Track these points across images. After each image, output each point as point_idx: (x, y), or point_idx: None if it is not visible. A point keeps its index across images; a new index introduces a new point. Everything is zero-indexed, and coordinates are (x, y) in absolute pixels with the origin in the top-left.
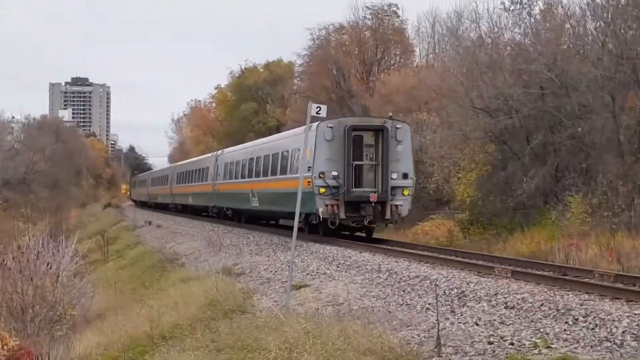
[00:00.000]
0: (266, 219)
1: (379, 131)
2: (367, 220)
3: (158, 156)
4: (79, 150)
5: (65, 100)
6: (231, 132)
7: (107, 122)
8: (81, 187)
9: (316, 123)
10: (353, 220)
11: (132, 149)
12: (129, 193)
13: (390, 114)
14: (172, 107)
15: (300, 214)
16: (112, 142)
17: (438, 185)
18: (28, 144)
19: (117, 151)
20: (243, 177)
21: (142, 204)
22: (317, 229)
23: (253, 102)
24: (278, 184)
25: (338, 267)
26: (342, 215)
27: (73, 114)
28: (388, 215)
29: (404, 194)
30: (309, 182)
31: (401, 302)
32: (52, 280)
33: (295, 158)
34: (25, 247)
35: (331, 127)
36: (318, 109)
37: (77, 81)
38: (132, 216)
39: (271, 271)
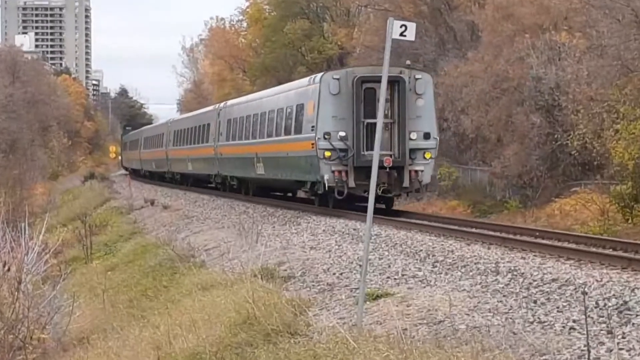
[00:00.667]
0: (274, 190)
1: (395, 83)
2: (381, 189)
3: (163, 102)
4: (46, 94)
5: (24, 20)
6: (271, 66)
7: (87, 53)
8: (50, 149)
9: (320, 74)
10: (364, 189)
11: (124, 92)
12: (120, 158)
13: (409, 62)
14: (183, 30)
15: (304, 182)
16: (94, 82)
17: (585, 143)
18: None
19: (103, 96)
20: (247, 138)
21: (135, 173)
22: (333, 201)
23: (303, 19)
24: (283, 147)
25: (435, 266)
26: (352, 184)
27: (37, 40)
28: (406, 183)
29: (425, 157)
30: (312, 144)
31: (531, 319)
32: (10, 288)
33: (301, 115)
34: None
35: (337, 79)
36: (403, 28)
37: None
38: (125, 192)
39: (334, 273)
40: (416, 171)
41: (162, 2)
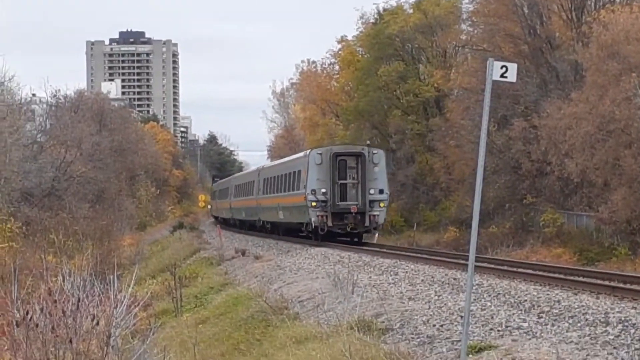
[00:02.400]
0: (290, 230)
1: (359, 156)
2: (350, 227)
3: (253, 149)
4: (133, 142)
5: (111, 67)
6: (365, 110)
7: (175, 99)
8: (138, 199)
9: (308, 151)
10: (338, 227)
11: (212, 138)
12: (209, 207)
13: (368, 142)
14: (273, 74)
15: (302, 223)
16: (182, 129)
17: None
18: (57, 135)
19: (191, 143)
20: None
21: (224, 222)
22: (320, 236)
23: (398, 61)
24: (289, 199)
25: (540, 317)
26: (330, 224)
27: (123, 87)
28: (367, 223)
29: (380, 206)
30: (304, 197)
31: None
32: (100, 343)
33: (298, 177)
34: (59, 292)
35: (320, 154)
36: (503, 69)
37: (128, 37)
38: (215, 242)
39: (434, 325)
40: (374, 215)
41: (251, 46)
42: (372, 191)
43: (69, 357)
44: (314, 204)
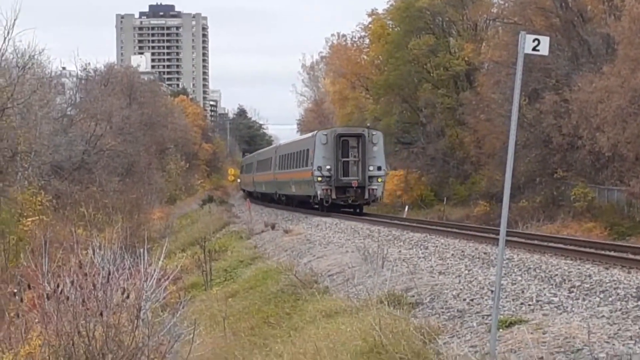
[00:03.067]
0: (301, 202)
1: (359, 137)
2: (351, 200)
3: (282, 123)
4: (163, 116)
5: (140, 41)
6: (395, 83)
7: (205, 73)
8: (168, 173)
9: (315, 132)
10: (341, 200)
11: (242, 112)
12: (238, 181)
13: (368, 124)
14: (303, 47)
15: (310, 195)
16: (212, 102)
17: None
18: (87, 108)
19: (221, 117)
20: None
21: (249, 195)
22: (324, 208)
23: (428, 35)
24: (299, 174)
25: (571, 291)
26: (334, 196)
27: (153, 60)
28: (367, 196)
29: (378, 181)
30: (311, 173)
31: None
32: (130, 316)
33: (307, 155)
34: (89, 265)
35: (325, 135)
36: (535, 42)
37: (158, 10)
38: (245, 216)
39: (464, 299)
40: (372, 189)
41: (280, 19)
42: (371, 168)
43: (100, 330)
44: (319, 179)
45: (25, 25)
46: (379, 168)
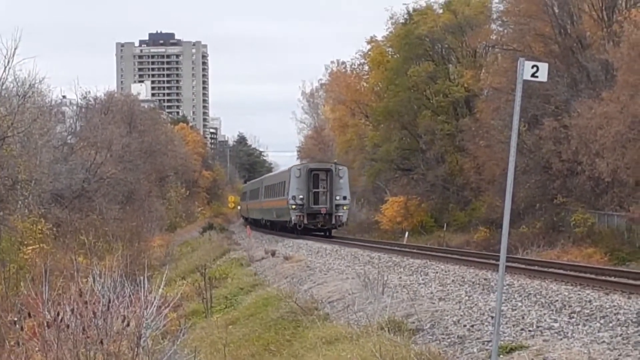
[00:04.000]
0: (280, 227)
1: (328, 171)
2: (320, 224)
3: (283, 150)
4: (163, 144)
5: (140, 69)
6: (394, 110)
7: (205, 101)
8: (168, 200)
9: (291, 166)
10: (312, 224)
11: (242, 139)
12: (239, 207)
13: (335, 160)
14: (302, 74)
15: (280, 222)
16: (212, 130)
17: None
18: (88, 136)
19: (221, 144)
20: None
21: (245, 220)
22: (298, 231)
23: (428, 62)
24: (278, 203)
25: (571, 317)
26: (306, 221)
27: (153, 88)
28: (333, 222)
29: (343, 209)
30: (287, 202)
31: None
32: (130, 344)
33: (284, 187)
34: (90, 293)
35: (299, 169)
36: (534, 69)
37: (158, 39)
38: (245, 243)
39: (464, 325)
40: (338, 215)
41: (280, 47)
42: (337, 197)
43: (100, 358)
44: (294, 206)
45: (26, 54)
46: (344, 197)
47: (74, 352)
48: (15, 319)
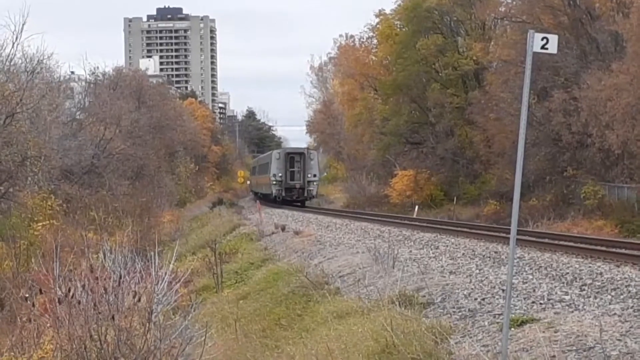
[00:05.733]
0: (265, 198)
1: (301, 154)
2: (295, 197)
3: (291, 124)
4: (172, 119)
5: (149, 44)
6: (403, 83)
7: (213, 75)
8: (177, 176)
9: (272, 151)
10: (289, 197)
11: (251, 114)
12: (248, 182)
13: (307, 145)
14: (311, 48)
15: (264, 194)
16: (220, 105)
17: None
18: (96, 112)
19: (230, 119)
20: (256, 174)
21: (264, 198)
22: (278, 202)
23: (436, 34)
24: (264, 179)
25: (582, 289)
26: (284, 194)
27: (161, 64)
28: (305, 194)
29: (313, 184)
30: (270, 178)
31: None
32: (141, 319)
33: (268, 166)
34: (100, 269)
35: (279, 152)
36: (544, 41)
37: (166, 14)
38: (255, 218)
39: (475, 298)
40: (310, 190)
41: (288, 21)
42: (309, 175)
43: (111, 334)
44: (274, 182)
45: (34, 30)
46: (314, 175)
47: (86, 328)
48: (27, 295)
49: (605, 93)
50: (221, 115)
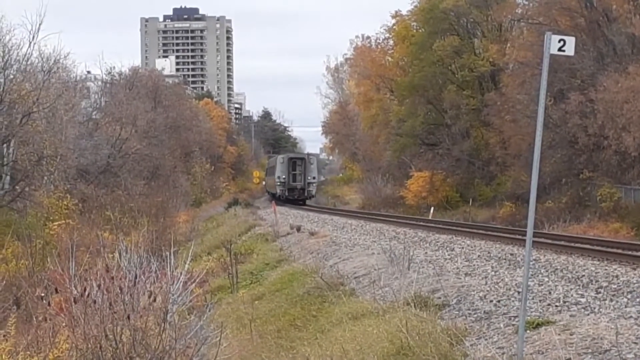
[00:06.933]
0: (274, 198)
1: (302, 159)
2: (296, 196)
3: (307, 125)
4: (188, 119)
5: (165, 44)
6: (419, 85)
7: (229, 76)
8: (193, 176)
9: (277, 155)
10: (291, 196)
11: (267, 114)
12: (263, 183)
13: (307, 152)
14: (327, 49)
15: (271, 193)
16: (236, 105)
17: None
18: (113, 112)
19: (245, 119)
20: (270, 175)
21: (273, 197)
22: (281, 200)
23: (453, 36)
24: (272, 180)
25: (598, 292)
26: (287, 194)
27: (177, 64)
28: (306, 194)
29: (313, 185)
30: (275, 180)
31: None
32: (157, 319)
33: (274, 169)
34: (116, 269)
35: (283, 157)
36: (561, 43)
37: (182, 14)
38: (270, 218)
39: (491, 300)
40: (309, 190)
41: (304, 21)
42: (309, 178)
43: (127, 334)
44: (279, 183)
45: (51, 30)
46: (314, 177)
47: (101, 328)
48: (43, 294)
49: (622, 95)
50: (237, 116)
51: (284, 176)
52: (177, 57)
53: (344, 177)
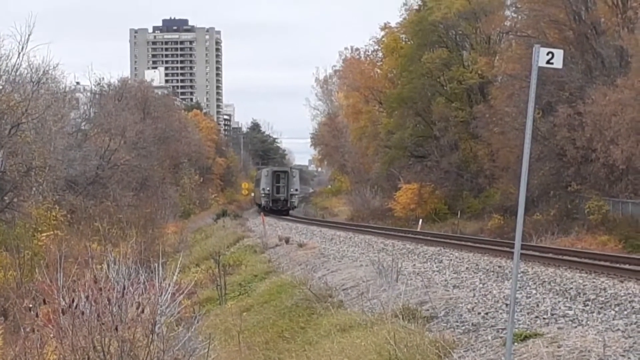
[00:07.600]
0: (260, 209)
1: (286, 172)
2: (280, 207)
3: (296, 136)
4: (177, 130)
5: (154, 55)
6: (408, 97)
7: (218, 87)
8: (182, 187)
9: (262, 169)
10: (275, 207)
11: (256, 126)
12: (252, 194)
13: (290, 166)
14: (316, 61)
15: (257, 204)
16: (225, 117)
17: None
18: (101, 123)
19: (234, 131)
20: (257, 187)
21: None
22: (266, 211)
23: (442, 48)
24: (257, 191)
25: (586, 305)
26: (271, 205)
27: (167, 75)
28: (288, 205)
29: (295, 197)
30: (260, 191)
31: None
32: (145, 331)
33: (260, 181)
34: (104, 280)
35: (267, 170)
36: (549, 55)
37: (172, 25)
38: (259, 230)
39: (479, 312)
40: (292, 201)
41: (293, 33)
42: (291, 190)
43: (115, 345)
44: (263, 195)
45: (40, 41)
46: (296, 189)
47: (89, 339)
48: (31, 305)
49: (610, 108)
50: (226, 127)
51: (268, 188)
52: (166, 68)
53: (332, 188)
